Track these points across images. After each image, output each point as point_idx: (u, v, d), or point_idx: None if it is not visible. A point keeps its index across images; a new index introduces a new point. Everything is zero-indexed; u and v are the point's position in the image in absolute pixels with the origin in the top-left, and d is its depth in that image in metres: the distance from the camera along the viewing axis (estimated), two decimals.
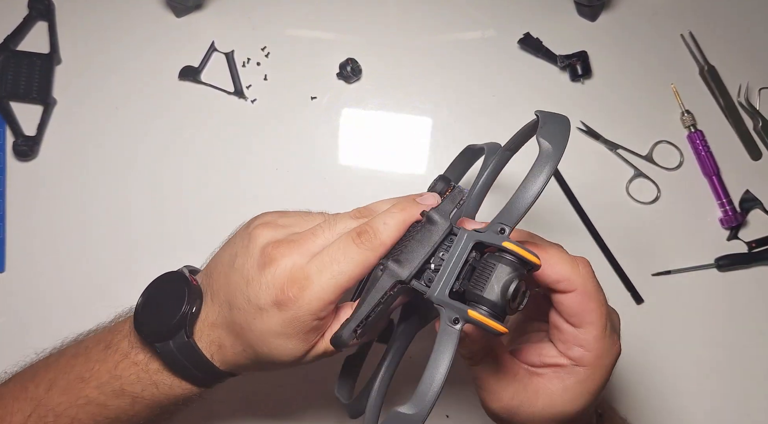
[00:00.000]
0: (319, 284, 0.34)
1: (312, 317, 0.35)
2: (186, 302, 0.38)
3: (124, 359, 0.40)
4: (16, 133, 0.60)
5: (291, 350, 0.36)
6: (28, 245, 0.59)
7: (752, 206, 0.61)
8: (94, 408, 0.39)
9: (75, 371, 0.40)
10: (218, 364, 0.38)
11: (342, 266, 0.34)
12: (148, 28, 0.63)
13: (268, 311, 0.35)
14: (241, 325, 0.36)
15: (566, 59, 0.63)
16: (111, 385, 0.39)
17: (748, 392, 0.59)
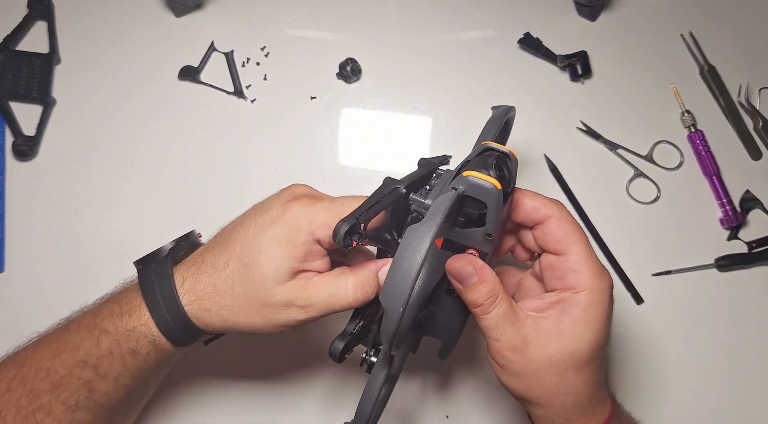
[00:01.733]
0: (328, 205, 0.37)
1: (309, 226, 0.36)
2: (178, 238, 0.41)
3: (110, 300, 0.42)
4: (16, 133, 0.59)
5: (277, 259, 0.37)
6: (28, 245, 0.58)
7: (752, 206, 0.61)
8: (68, 354, 0.39)
9: (65, 325, 0.42)
10: (186, 291, 0.39)
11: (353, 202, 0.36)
12: (148, 27, 0.63)
13: (272, 210, 0.38)
14: (237, 235, 0.38)
15: (566, 59, 0.63)
16: (88, 324, 0.40)
17: (748, 392, 0.59)
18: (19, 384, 0.39)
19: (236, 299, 0.38)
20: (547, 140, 0.62)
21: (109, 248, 0.59)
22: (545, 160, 0.61)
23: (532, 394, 0.36)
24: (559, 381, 0.36)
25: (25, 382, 0.39)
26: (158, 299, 0.39)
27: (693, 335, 0.59)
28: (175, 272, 0.39)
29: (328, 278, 0.38)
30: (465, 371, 0.58)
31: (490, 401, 0.57)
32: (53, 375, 0.39)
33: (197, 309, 0.39)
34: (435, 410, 0.57)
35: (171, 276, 0.39)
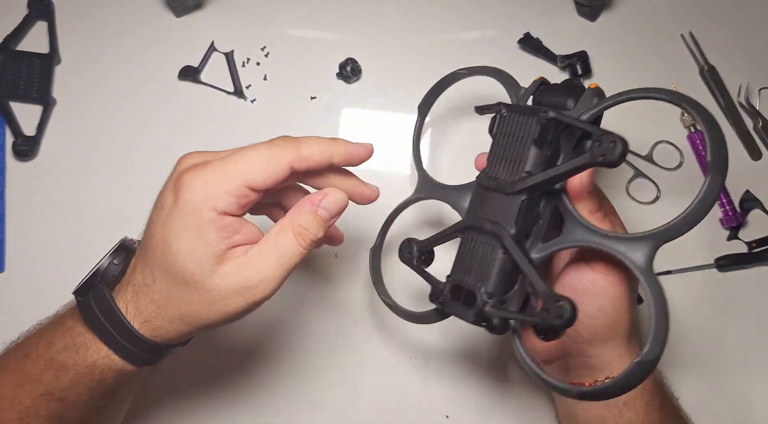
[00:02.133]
0: (217, 167, 0.33)
1: (208, 203, 0.33)
2: (110, 254, 0.38)
3: (60, 327, 0.38)
4: (16, 133, 0.60)
5: (192, 252, 0.33)
6: (28, 245, 0.59)
7: (752, 206, 0.61)
8: (30, 386, 0.37)
9: (22, 349, 0.39)
10: (133, 315, 0.36)
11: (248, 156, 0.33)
12: (148, 28, 0.63)
13: (165, 205, 0.34)
14: (148, 242, 0.35)
15: (566, 59, 0.63)
16: (44, 355, 0.37)
17: (748, 393, 0.59)
18: None
19: (181, 307, 0.35)
20: None
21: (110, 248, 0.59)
22: None
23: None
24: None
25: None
26: (110, 331, 0.36)
27: (692, 334, 0.59)
28: (116, 297, 0.36)
29: (268, 242, 0.35)
30: (465, 370, 0.58)
31: (490, 401, 0.57)
32: (18, 405, 0.37)
33: (151, 329, 0.36)
34: (435, 410, 0.57)
35: (114, 305, 0.36)
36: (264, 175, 0.33)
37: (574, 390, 0.35)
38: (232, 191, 0.33)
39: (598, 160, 0.33)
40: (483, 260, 0.38)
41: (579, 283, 0.40)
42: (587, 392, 0.35)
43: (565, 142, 0.39)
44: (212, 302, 0.34)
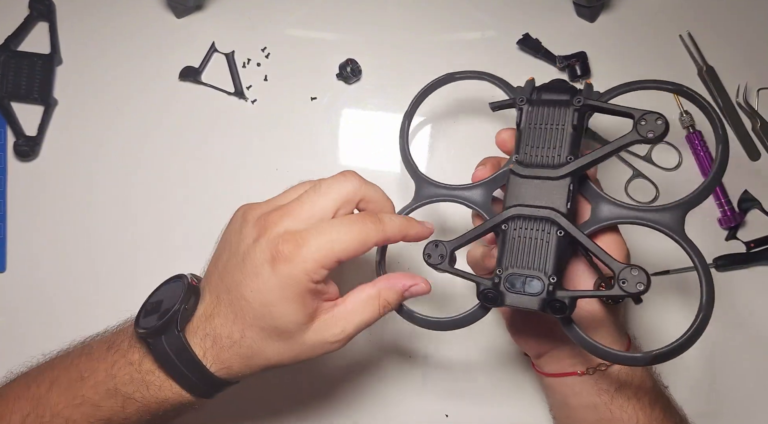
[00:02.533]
0: (316, 244, 0.36)
1: (307, 276, 0.36)
2: (181, 298, 0.38)
3: (121, 359, 0.40)
4: (17, 134, 0.60)
5: (292, 316, 0.37)
6: (29, 245, 0.59)
7: (751, 206, 0.61)
8: (88, 408, 0.39)
9: (76, 371, 0.40)
10: (211, 362, 0.38)
11: (342, 235, 0.36)
12: (149, 28, 0.63)
13: (262, 273, 0.36)
14: (240, 302, 0.37)
15: (565, 60, 0.63)
16: (106, 384, 0.39)
17: (746, 393, 0.59)
18: (33, 422, 0.39)
19: (270, 356, 0.39)
20: None
21: (110, 248, 0.59)
22: None
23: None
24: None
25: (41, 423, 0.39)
26: (186, 374, 0.38)
27: None
28: (190, 340, 0.38)
29: (356, 306, 0.39)
30: (465, 370, 0.58)
31: (490, 400, 0.57)
32: (66, 418, 0.39)
33: (229, 373, 0.39)
34: (435, 410, 0.57)
35: (192, 352, 0.38)
36: (353, 253, 0.37)
37: (646, 357, 0.37)
38: (327, 266, 0.36)
39: (647, 136, 0.37)
40: (538, 246, 0.39)
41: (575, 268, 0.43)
42: (662, 354, 0.37)
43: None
44: (300, 353, 0.39)
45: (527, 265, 0.39)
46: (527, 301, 0.38)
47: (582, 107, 0.41)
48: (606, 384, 0.44)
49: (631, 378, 0.44)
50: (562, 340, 0.45)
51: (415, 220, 0.41)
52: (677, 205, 0.40)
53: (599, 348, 0.38)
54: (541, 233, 0.39)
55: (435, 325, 0.43)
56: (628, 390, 0.44)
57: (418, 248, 0.42)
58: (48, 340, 0.57)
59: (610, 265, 0.36)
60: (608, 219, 0.40)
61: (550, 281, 0.38)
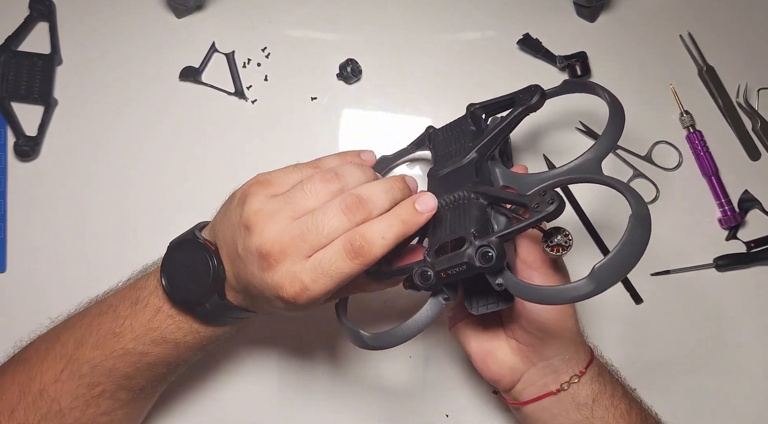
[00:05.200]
0: (315, 291, 0.37)
1: (306, 310, 0.39)
2: (212, 270, 0.41)
3: (157, 314, 0.43)
4: (17, 134, 0.60)
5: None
6: (29, 246, 0.59)
7: (751, 206, 0.61)
8: (134, 357, 0.43)
9: (104, 327, 0.43)
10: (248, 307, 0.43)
11: (333, 278, 0.37)
12: (149, 28, 0.63)
13: (271, 301, 0.39)
14: (251, 291, 0.40)
15: (565, 60, 0.63)
16: (149, 335, 0.42)
17: (747, 392, 0.59)
18: (69, 377, 0.42)
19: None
20: (547, 141, 0.62)
21: (111, 248, 0.59)
22: (544, 161, 0.62)
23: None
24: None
25: (77, 376, 0.42)
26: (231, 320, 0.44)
27: (692, 334, 0.60)
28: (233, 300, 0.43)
29: None
30: (465, 370, 0.58)
31: (490, 400, 0.57)
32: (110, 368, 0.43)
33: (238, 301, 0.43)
34: (435, 410, 0.57)
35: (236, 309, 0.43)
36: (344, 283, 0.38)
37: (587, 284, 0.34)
38: (323, 299, 0.39)
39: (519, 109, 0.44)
40: (456, 214, 0.40)
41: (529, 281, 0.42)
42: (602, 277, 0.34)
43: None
44: None
45: (451, 230, 0.39)
46: (456, 259, 0.37)
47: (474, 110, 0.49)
48: (583, 397, 0.44)
49: (603, 387, 0.45)
50: (532, 360, 0.44)
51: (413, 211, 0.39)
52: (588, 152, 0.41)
53: (540, 290, 0.36)
54: (459, 203, 0.41)
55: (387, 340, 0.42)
56: (605, 400, 0.44)
57: None
58: None
59: (520, 200, 0.37)
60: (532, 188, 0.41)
61: (474, 234, 0.37)
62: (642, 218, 0.34)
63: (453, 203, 0.41)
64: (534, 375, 0.45)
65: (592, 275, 0.34)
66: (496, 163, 0.44)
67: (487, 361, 0.46)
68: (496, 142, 0.44)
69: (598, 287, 0.34)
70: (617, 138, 0.42)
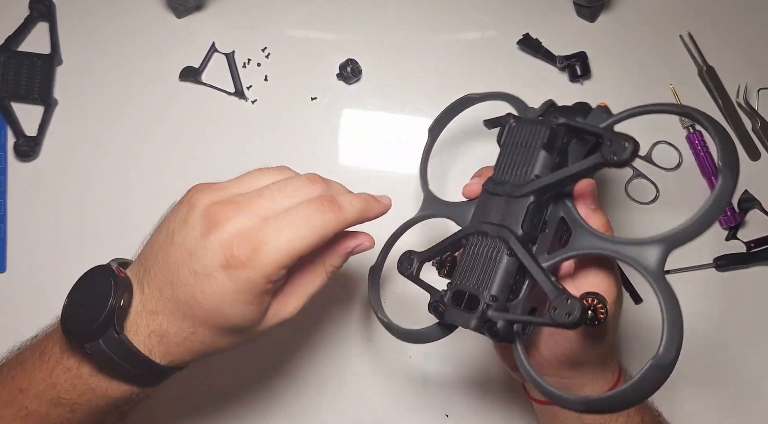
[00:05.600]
0: (276, 247, 0.33)
1: (265, 280, 0.34)
2: (112, 296, 0.35)
3: (57, 366, 0.37)
4: (17, 134, 0.60)
5: (249, 315, 0.35)
6: (29, 246, 0.59)
7: (751, 206, 0.61)
8: (36, 419, 0.37)
9: (15, 382, 0.38)
10: (159, 357, 0.36)
11: (301, 230, 0.34)
12: (149, 28, 0.63)
13: (216, 277, 0.33)
14: (188, 302, 0.34)
15: (565, 60, 0.63)
16: (47, 394, 0.37)
17: (747, 393, 0.59)
18: None
19: (224, 346, 0.37)
20: None
21: (111, 248, 0.59)
22: None
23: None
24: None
25: None
26: (133, 371, 0.36)
27: (691, 334, 0.59)
28: (134, 342, 0.35)
29: (304, 282, 0.39)
30: (465, 370, 0.58)
31: (490, 400, 0.57)
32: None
33: (179, 363, 0.37)
34: (435, 410, 0.57)
35: (137, 352, 0.35)
36: (313, 246, 0.35)
37: (578, 401, 0.32)
38: (287, 265, 0.34)
39: (610, 159, 0.33)
40: (487, 263, 0.37)
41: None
42: (594, 402, 0.32)
43: (575, 152, 0.39)
44: (254, 337, 0.38)
45: (475, 282, 0.37)
46: (464, 318, 0.36)
47: (557, 126, 0.38)
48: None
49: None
50: (545, 370, 0.42)
51: (373, 198, 0.39)
52: (660, 240, 0.34)
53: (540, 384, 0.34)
54: (493, 251, 0.37)
55: (402, 335, 0.43)
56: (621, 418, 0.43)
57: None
58: None
59: (546, 289, 0.33)
60: (584, 249, 0.36)
61: (488, 301, 0.36)
62: (662, 368, 0.34)
63: (488, 247, 0.38)
64: (551, 380, 0.42)
65: (582, 401, 0.33)
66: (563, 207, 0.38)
67: (505, 352, 0.44)
68: (560, 186, 0.38)
69: (579, 410, 0.33)
70: (712, 221, 0.36)
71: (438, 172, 0.62)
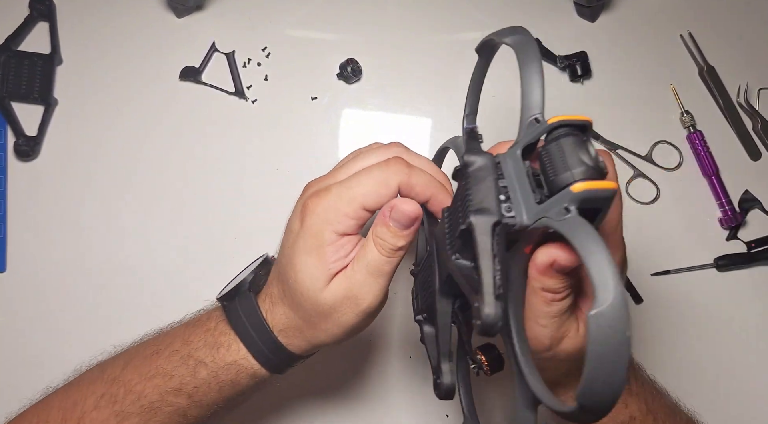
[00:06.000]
0: (337, 192, 0.35)
1: (328, 226, 0.35)
2: (254, 267, 0.41)
3: (199, 328, 0.41)
4: (17, 134, 0.60)
5: (312, 270, 0.36)
6: (29, 245, 0.59)
7: (751, 206, 0.61)
8: (160, 380, 0.39)
9: (152, 346, 0.41)
10: (270, 322, 0.39)
11: (362, 179, 0.35)
12: (149, 28, 0.63)
13: (296, 232, 0.37)
14: (282, 263, 0.38)
15: (566, 60, 0.63)
16: (180, 352, 0.40)
17: (747, 392, 0.59)
18: (107, 403, 0.39)
19: (305, 321, 0.38)
20: None
21: (110, 248, 0.59)
22: None
23: None
24: None
25: (113, 402, 0.39)
26: (252, 335, 0.39)
27: (692, 334, 0.60)
28: (260, 305, 0.39)
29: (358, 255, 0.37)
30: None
31: (490, 401, 0.57)
32: (143, 399, 0.39)
33: (285, 339, 0.39)
34: (435, 410, 0.57)
35: (259, 311, 0.39)
36: (376, 198, 0.35)
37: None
38: (349, 214, 0.35)
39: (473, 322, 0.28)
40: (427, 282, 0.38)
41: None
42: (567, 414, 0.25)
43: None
44: (326, 316, 0.37)
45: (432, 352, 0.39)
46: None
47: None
48: None
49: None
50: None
51: (446, 189, 0.37)
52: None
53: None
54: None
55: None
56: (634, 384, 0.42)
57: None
58: (47, 340, 0.57)
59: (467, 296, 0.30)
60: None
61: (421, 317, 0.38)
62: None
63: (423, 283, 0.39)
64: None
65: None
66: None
67: None
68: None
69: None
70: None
71: None
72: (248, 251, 0.61)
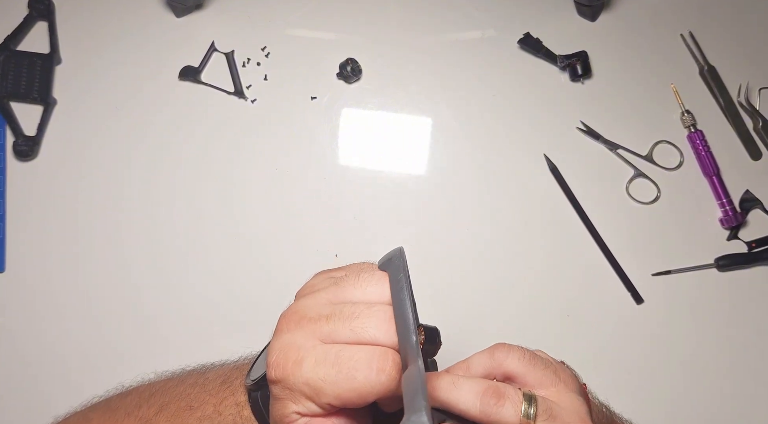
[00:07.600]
0: (310, 377, 0.29)
1: (290, 402, 0.30)
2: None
3: (230, 397, 0.39)
4: (17, 133, 0.60)
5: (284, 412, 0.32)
6: (28, 245, 0.59)
7: (752, 206, 0.61)
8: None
9: (187, 400, 0.40)
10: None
11: (343, 381, 0.28)
12: (149, 28, 0.63)
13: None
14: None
15: (566, 59, 0.63)
16: (211, 420, 0.38)
17: (748, 392, 0.59)
18: None
19: None
20: (547, 140, 0.62)
21: (109, 247, 0.59)
22: (545, 160, 0.61)
23: None
24: None
25: None
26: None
27: (693, 334, 0.59)
28: None
29: None
30: None
31: None
32: None
33: None
34: None
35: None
36: (345, 399, 0.29)
37: None
38: (311, 397, 0.30)
39: None
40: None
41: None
42: None
43: None
44: None
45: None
46: None
47: None
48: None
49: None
50: None
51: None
52: None
53: None
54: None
55: None
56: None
57: None
58: (48, 340, 0.57)
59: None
60: None
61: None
62: None
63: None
64: None
65: None
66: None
67: None
68: None
69: None
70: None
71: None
72: (246, 248, 0.61)
